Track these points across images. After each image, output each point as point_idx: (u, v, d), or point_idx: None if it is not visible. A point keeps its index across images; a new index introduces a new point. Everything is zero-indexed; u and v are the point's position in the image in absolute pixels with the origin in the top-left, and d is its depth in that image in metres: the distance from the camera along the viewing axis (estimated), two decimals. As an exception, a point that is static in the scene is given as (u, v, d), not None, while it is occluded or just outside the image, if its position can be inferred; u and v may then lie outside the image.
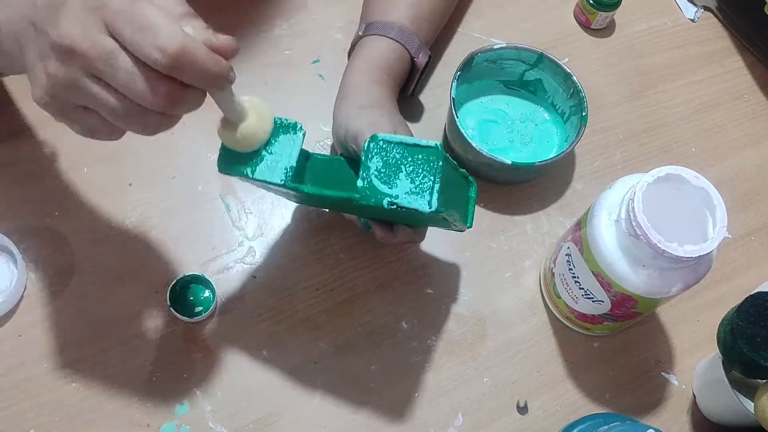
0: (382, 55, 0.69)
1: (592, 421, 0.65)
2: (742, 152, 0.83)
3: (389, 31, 0.70)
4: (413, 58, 0.71)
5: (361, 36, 0.71)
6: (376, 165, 0.52)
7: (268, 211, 0.73)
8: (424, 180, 0.51)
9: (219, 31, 0.44)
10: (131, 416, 0.64)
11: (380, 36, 0.70)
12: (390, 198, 0.52)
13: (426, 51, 0.72)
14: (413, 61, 0.71)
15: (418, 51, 0.71)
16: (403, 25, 0.70)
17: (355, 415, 0.66)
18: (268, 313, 0.69)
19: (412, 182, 0.52)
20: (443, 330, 0.70)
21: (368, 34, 0.70)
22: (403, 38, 0.70)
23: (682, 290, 0.58)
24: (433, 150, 0.52)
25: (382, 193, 0.52)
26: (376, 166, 0.52)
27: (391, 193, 0.52)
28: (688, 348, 0.72)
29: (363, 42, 0.71)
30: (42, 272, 0.68)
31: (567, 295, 0.67)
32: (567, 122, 0.77)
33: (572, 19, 0.88)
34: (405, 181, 0.52)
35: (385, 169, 0.52)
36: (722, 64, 0.88)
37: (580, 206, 0.77)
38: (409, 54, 0.71)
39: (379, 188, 0.52)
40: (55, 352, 0.65)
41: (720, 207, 0.55)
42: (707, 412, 0.69)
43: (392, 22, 0.70)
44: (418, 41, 0.71)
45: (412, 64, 0.72)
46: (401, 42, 0.70)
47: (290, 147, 0.53)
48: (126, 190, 0.72)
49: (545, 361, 0.70)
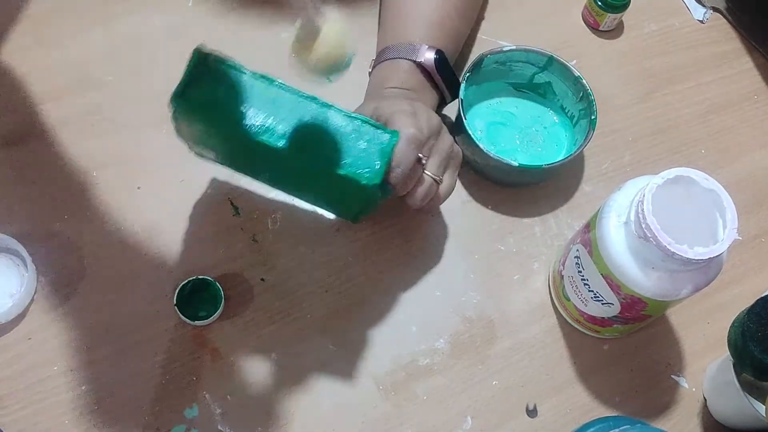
0: (392, 77, 0.70)
1: (602, 424, 0.65)
2: (752, 154, 0.83)
3: (388, 54, 0.71)
4: (417, 62, 0.70)
5: (373, 66, 0.73)
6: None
7: (276, 214, 0.73)
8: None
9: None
10: (140, 419, 0.64)
11: (383, 62, 0.71)
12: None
13: (431, 48, 0.70)
14: (421, 65, 0.70)
15: (420, 54, 0.70)
16: (404, 42, 0.71)
17: (364, 417, 0.66)
18: (277, 315, 0.69)
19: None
20: (452, 332, 0.70)
21: (378, 62, 0.72)
22: (400, 53, 0.70)
23: (692, 292, 0.58)
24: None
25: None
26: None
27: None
28: (699, 350, 0.72)
29: (374, 71, 0.72)
30: (52, 276, 0.68)
31: (576, 298, 0.67)
32: (576, 125, 0.77)
33: (580, 21, 0.88)
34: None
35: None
36: (731, 66, 0.88)
37: (589, 208, 0.77)
38: (413, 61, 0.70)
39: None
40: (64, 355, 0.66)
41: (730, 209, 0.55)
42: (718, 415, 0.69)
43: (392, 46, 0.71)
44: (417, 46, 0.70)
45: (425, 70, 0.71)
46: (400, 57, 0.70)
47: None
48: (135, 194, 0.72)
49: (554, 363, 0.70)
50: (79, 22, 0.80)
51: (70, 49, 0.78)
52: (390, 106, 0.62)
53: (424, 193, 0.62)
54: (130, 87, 0.77)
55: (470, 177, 0.77)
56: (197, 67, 0.57)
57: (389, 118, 0.60)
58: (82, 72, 0.77)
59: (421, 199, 0.62)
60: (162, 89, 0.68)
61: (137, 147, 0.74)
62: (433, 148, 0.63)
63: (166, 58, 0.79)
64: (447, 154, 0.64)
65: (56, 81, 0.76)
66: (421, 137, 0.60)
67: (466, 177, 0.77)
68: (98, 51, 0.78)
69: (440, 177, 0.63)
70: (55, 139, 0.74)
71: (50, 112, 0.75)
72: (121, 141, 0.74)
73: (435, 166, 0.62)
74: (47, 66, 0.77)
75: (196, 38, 0.80)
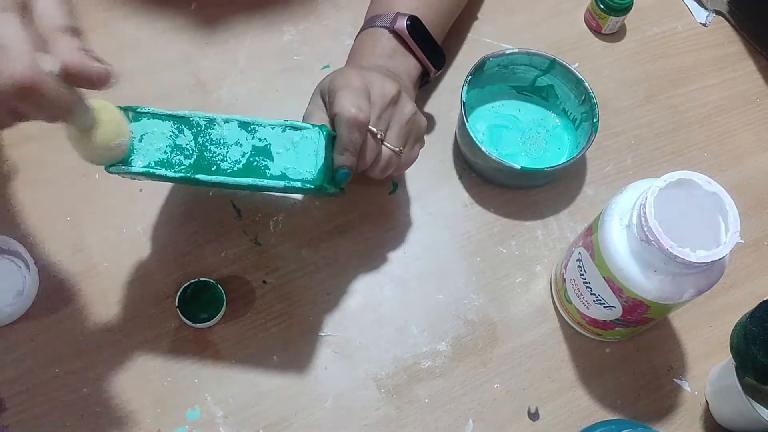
0: (367, 44, 0.69)
1: (603, 428, 0.65)
2: (754, 157, 0.83)
3: (367, 24, 0.70)
4: (390, 29, 0.69)
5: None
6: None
7: (278, 216, 0.73)
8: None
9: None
10: (142, 421, 0.64)
11: (361, 32, 0.71)
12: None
13: (403, 15, 0.69)
14: (395, 32, 0.69)
15: (392, 22, 0.69)
16: (382, 12, 0.70)
17: (365, 420, 0.66)
18: (279, 318, 0.69)
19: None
20: (453, 335, 0.70)
21: (358, 33, 0.72)
22: (376, 22, 0.69)
23: (695, 296, 0.58)
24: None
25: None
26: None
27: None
28: (701, 354, 0.72)
29: (354, 42, 0.72)
30: (54, 277, 0.68)
31: (578, 301, 0.67)
32: (578, 128, 0.77)
33: (583, 24, 0.88)
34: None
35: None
36: (734, 69, 0.88)
37: (591, 211, 0.77)
38: (387, 29, 0.69)
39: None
40: (66, 357, 0.66)
41: (732, 212, 0.55)
42: (720, 418, 0.69)
43: (372, 17, 0.71)
44: (392, 14, 0.69)
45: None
46: (377, 25, 0.69)
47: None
48: (137, 196, 0.72)
49: (556, 366, 0.70)
50: (79, 22, 0.80)
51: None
52: (341, 79, 0.60)
53: (384, 166, 0.61)
54: (132, 88, 0.77)
55: (472, 180, 0.77)
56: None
57: (335, 96, 0.59)
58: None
59: (382, 171, 0.61)
60: (164, 91, 0.69)
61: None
62: (392, 118, 0.61)
63: (169, 60, 0.79)
64: (406, 124, 0.62)
65: (59, 83, 0.76)
66: (360, 116, 0.57)
67: (468, 180, 0.77)
68: (99, 52, 0.78)
69: (400, 148, 0.61)
70: (57, 140, 0.73)
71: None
72: (124, 143, 0.74)
73: (394, 137, 0.61)
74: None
75: (198, 41, 0.81)
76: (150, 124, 0.55)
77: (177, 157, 0.54)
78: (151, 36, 0.80)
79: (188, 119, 0.55)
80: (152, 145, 0.54)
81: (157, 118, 0.55)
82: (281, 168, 0.56)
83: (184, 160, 0.55)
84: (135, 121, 0.54)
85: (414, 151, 0.64)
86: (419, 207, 0.75)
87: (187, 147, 0.55)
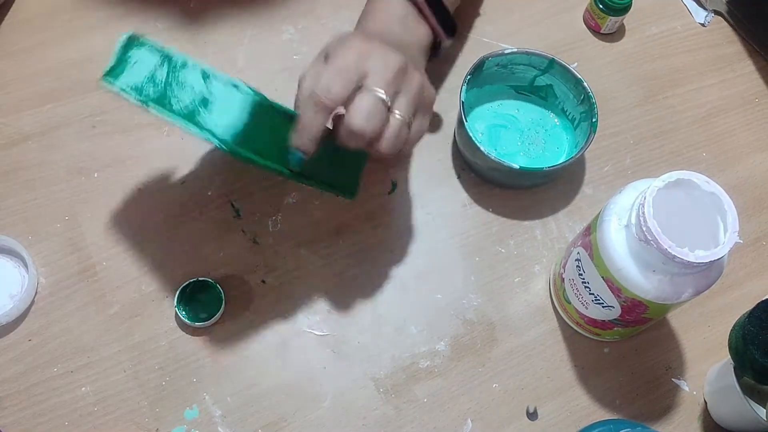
0: (379, 8, 0.68)
1: (602, 427, 0.65)
2: (753, 157, 0.83)
3: None
4: None
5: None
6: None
7: (277, 215, 0.73)
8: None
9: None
10: (140, 420, 0.64)
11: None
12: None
13: None
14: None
15: None
16: None
17: (364, 420, 0.66)
18: (277, 317, 0.69)
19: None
20: (452, 335, 0.70)
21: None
22: None
23: (693, 296, 0.58)
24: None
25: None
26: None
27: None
28: (699, 354, 0.72)
29: (365, 6, 0.70)
30: (52, 277, 0.68)
31: (577, 301, 0.67)
32: (577, 128, 0.77)
33: (582, 24, 0.88)
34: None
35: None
36: (733, 69, 0.88)
37: (590, 211, 0.77)
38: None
39: None
40: (65, 356, 0.66)
41: (731, 212, 0.55)
42: (718, 418, 0.69)
43: None
44: None
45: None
46: None
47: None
48: (135, 195, 0.72)
49: (555, 366, 0.70)
50: (79, 23, 0.80)
51: (70, 50, 0.78)
52: (335, 50, 0.58)
53: (393, 136, 0.57)
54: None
55: (471, 179, 0.77)
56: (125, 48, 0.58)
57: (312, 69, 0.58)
58: (83, 73, 0.77)
59: (392, 144, 0.57)
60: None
61: (138, 148, 0.74)
62: (400, 88, 0.58)
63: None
64: (416, 94, 0.59)
65: (57, 82, 0.76)
66: (320, 96, 0.54)
67: (466, 179, 0.77)
68: (99, 52, 0.78)
69: (409, 118, 0.58)
70: (56, 140, 0.74)
71: (51, 112, 0.75)
72: (122, 142, 0.74)
73: (403, 107, 0.57)
74: (48, 67, 0.77)
75: (197, 40, 0.81)
76: (145, 53, 0.58)
77: (148, 88, 0.57)
78: (150, 35, 0.80)
79: (171, 57, 0.58)
80: (138, 72, 0.57)
81: (152, 50, 0.58)
82: (211, 121, 0.58)
83: (152, 92, 0.57)
84: (137, 48, 0.58)
85: (423, 122, 0.61)
86: (418, 207, 0.75)
87: (158, 81, 0.58)
